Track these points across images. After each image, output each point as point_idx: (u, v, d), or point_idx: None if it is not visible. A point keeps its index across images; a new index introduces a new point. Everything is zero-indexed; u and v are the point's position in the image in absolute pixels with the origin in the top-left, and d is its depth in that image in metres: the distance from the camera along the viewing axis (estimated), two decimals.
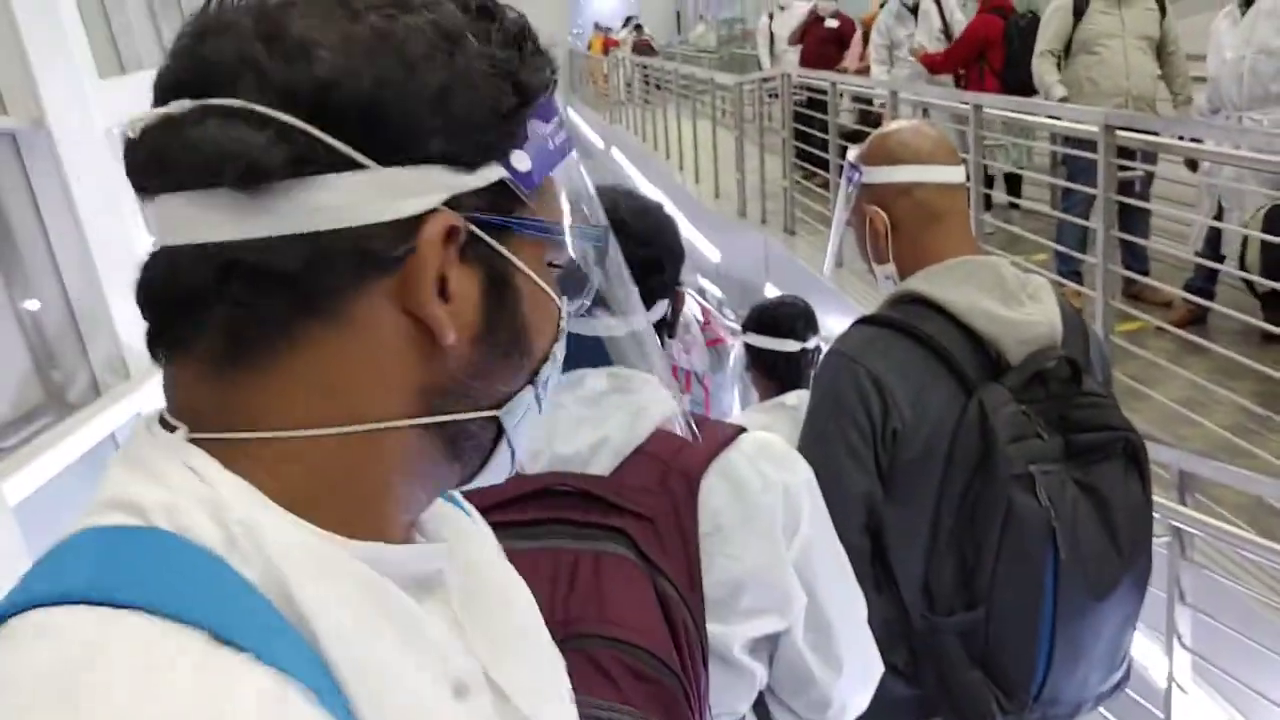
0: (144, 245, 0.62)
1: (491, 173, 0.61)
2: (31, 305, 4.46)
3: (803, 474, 1.27)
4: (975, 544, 1.62)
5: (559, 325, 0.69)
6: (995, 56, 6.93)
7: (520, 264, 0.64)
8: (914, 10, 7.91)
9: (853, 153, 1.85)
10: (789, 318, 3.09)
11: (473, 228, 0.60)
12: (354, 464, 0.59)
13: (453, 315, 0.60)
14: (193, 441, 0.58)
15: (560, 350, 0.70)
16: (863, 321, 1.79)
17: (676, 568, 1.13)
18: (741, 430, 1.26)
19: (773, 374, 3.09)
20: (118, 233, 4.57)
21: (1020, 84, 6.32)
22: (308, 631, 0.53)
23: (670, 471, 1.18)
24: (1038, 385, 1.65)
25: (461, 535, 0.74)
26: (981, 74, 7.00)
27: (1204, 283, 4.85)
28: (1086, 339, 1.81)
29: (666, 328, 1.37)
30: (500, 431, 0.66)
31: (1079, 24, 5.61)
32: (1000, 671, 1.65)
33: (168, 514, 0.54)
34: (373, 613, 0.58)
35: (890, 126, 1.89)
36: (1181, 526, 3.02)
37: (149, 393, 4.58)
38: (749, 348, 3.12)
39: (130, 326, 4.64)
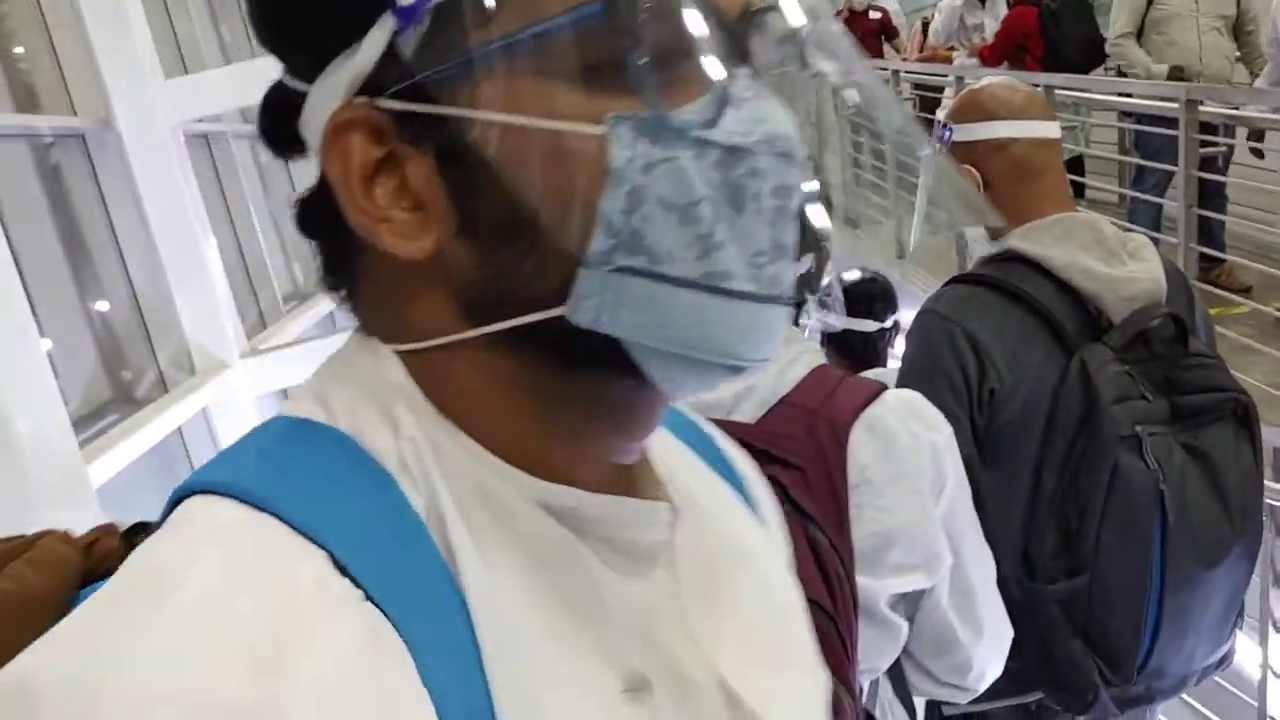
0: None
1: (379, 32, 0.47)
2: (101, 305, 4.52)
3: (945, 432, 1.25)
4: (1079, 509, 1.55)
5: (608, 163, 0.45)
6: (1035, 46, 6.79)
7: (488, 116, 0.46)
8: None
9: (942, 112, 1.81)
10: (867, 296, 3.01)
11: (380, 106, 0.48)
12: (477, 388, 0.51)
13: (425, 218, 0.49)
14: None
15: (627, 204, 0.45)
16: (957, 280, 1.72)
17: (827, 516, 1.11)
18: (884, 386, 1.24)
19: (849, 354, 3.01)
20: (183, 231, 4.63)
21: (1065, 70, 6.18)
22: (458, 582, 0.46)
23: (817, 421, 1.15)
24: (1141, 345, 1.58)
25: (708, 506, 0.62)
26: (1024, 67, 6.88)
27: None
28: (1191, 299, 1.73)
29: None
30: (599, 333, 0.47)
31: (1152, 3, 5.48)
32: (1104, 642, 1.57)
33: (351, 416, 0.50)
34: (537, 571, 0.49)
35: (981, 82, 1.83)
36: (1275, 504, 2.90)
37: (213, 389, 4.64)
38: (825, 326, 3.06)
39: (196, 324, 4.70)
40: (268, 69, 0.57)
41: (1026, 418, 1.58)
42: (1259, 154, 5.09)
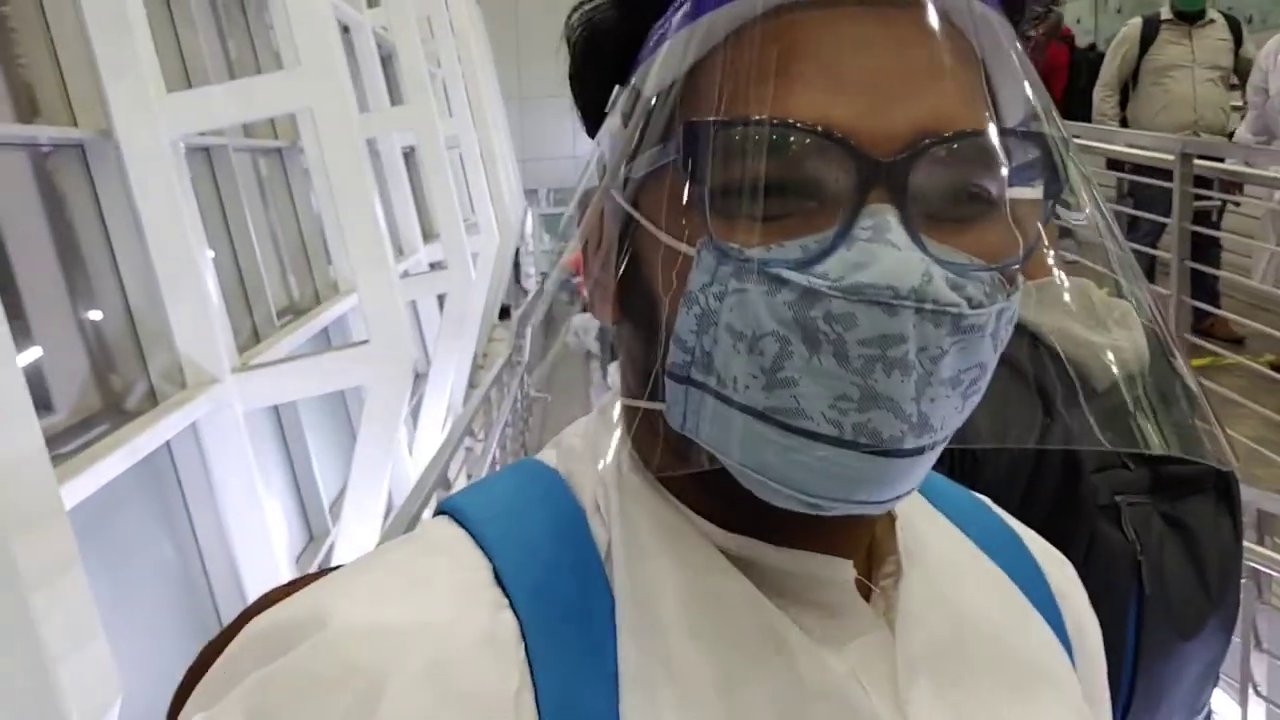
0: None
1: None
2: (93, 314, 4.51)
3: None
4: None
5: (688, 284, 0.47)
6: (1057, 85, 6.85)
7: (633, 212, 0.51)
8: None
9: None
10: None
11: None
12: (663, 444, 0.52)
13: (604, 292, 0.54)
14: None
15: (698, 324, 0.47)
16: None
17: None
18: None
19: None
20: (179, 243, 4.63)
21: (1081, 116, 6.22)
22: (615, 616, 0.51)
23: None
24: None
25: (971, 593, 0.60)
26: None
27: None
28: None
29: None
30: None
31: (1146, 54, 5.51)
32: None
33: (567, 460, 0.57)
34: (709, 616, 0.51)
35: None
36: (1259, 568, 2.89)
37: (203, 403, 4.63)
38: None
39: (188, 337, 4.69)
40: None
41: (1010, 482, 1.58)
42: (1235, 203, 5.13)
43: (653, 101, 0.49)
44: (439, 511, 0.56)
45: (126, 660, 2.91)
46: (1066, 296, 1.63)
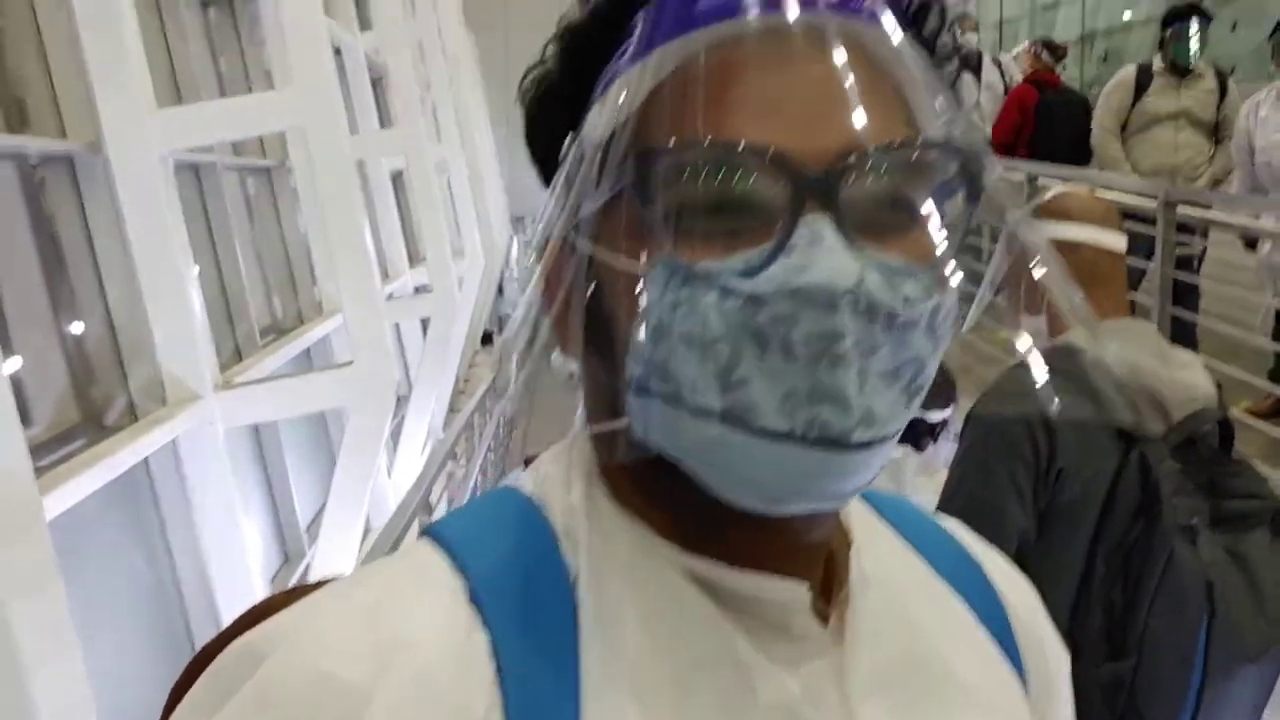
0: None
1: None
2: (76, 327, 4.48)
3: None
4: (1129, 593, 1.60)
5: (637, 300, 0.50)
6: (1027, 127, 6.89)
7: (589, 244, 0.54)
8: (976, 72, 7.84)
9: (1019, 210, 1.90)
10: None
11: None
12: (632, 469, 0.56)
13: (565, 321, 0.57)
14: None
15: (654, 336, 0.50)
16: (1021, 366, 1.78)
17: None
18: None
19: (914, 444, 2.92)
20: (164, 259, 4.60)
21: (1049, 159, 6.27)
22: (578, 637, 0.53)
23: None
24: (1190, 448, 1.66)
25: (923, 616, 0.63)
26: (1014, 147, 6.95)
27: None
28: (1227, 413, 1.81)
29: None
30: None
31: (1138, 101, 5.59)
32: None
33: (540, 486, 0.59)
34: (674, 640, 0.54)
35: (1065, 188, 1.97)
36: None
37: (183, 420, 4.59)
38: None
39: (170, 353, 4.66)
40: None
41: (1085, 501, 1.64)
42: (1251, 245, 5.15)
43: (604, 138, 0.53)
44: (422, 533, 0.59)
45: (96, 677, 2.87)
46: (1144, 336, 1.69)
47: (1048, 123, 6.70)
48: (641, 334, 0.50)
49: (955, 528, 0.72)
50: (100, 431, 4.32)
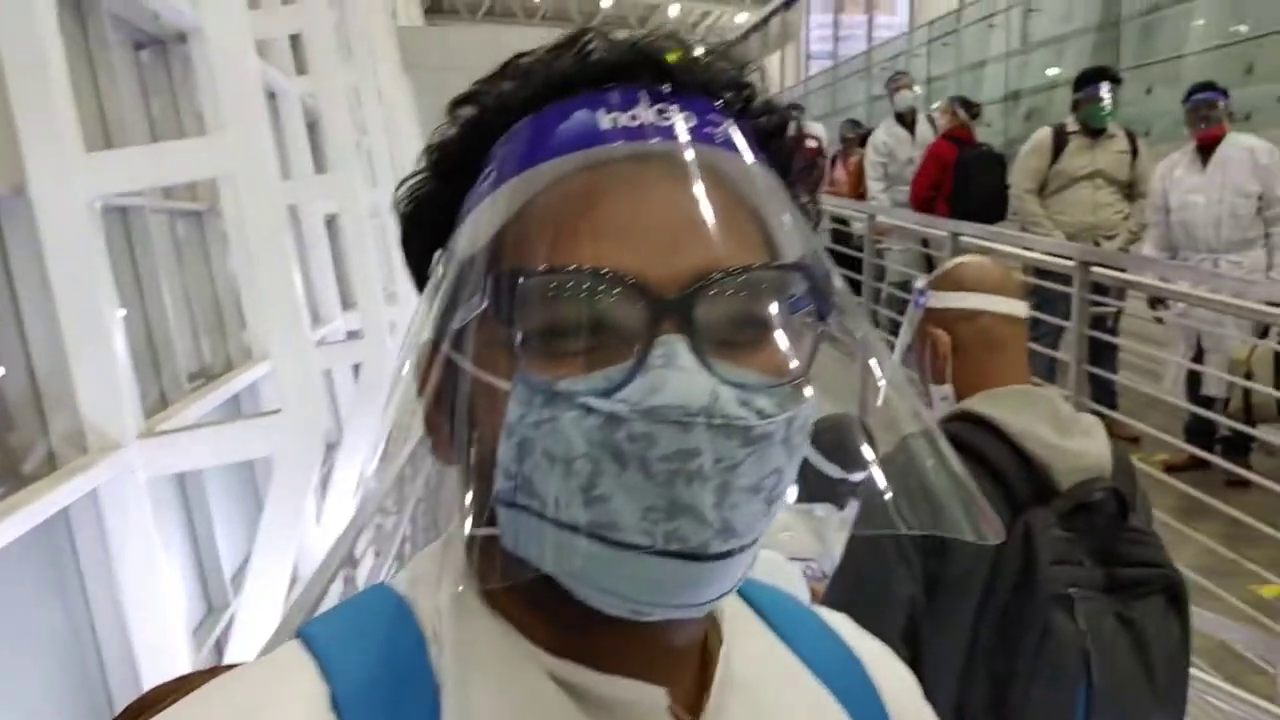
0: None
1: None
2: None
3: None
4: (1009, 664, 1.61)
5: (501, 414, 0.52)
6: (947, 182, 7.03)
7: (456, 358, 0.55)
8: (911, 128, 7.96)
9: (921, 280, 1.93)
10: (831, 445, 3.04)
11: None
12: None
13: (435, 426, 0.60)
14: None
15: (519, 452, 0.52)
16: (914, 437, 1.80)
17: None
18: None
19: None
20: (88, 304, 4.52)
21: (967, 214, 6.40)
22: None
23: None
24: (1084, 515, 1.67)
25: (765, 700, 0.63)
26: (933, 201, 7.08)
27: (1201, 427, 4.83)
28: (1134, 480, 1.83)
29: None
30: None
31: (1056, 161, 5.77)
32: None
33: (413, 587, 0.60)
34: None
35: (964, 259, 2.00)
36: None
37: (104, 469, 4.50)
38: None
39: (92, 400, 4.57)
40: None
41: (972, 573, 1.65)
42: (1153, 305, 5.32)
43: (467, 259, 0.55)
44: (295, 634, 0.59)
45: None
46: (1038, 404, 1.72)
47: (965, 179, 6.87)
48: (506, 450, 0.52)
49: (839, 622, 0.74)
50: (18, 480, 4.22)
